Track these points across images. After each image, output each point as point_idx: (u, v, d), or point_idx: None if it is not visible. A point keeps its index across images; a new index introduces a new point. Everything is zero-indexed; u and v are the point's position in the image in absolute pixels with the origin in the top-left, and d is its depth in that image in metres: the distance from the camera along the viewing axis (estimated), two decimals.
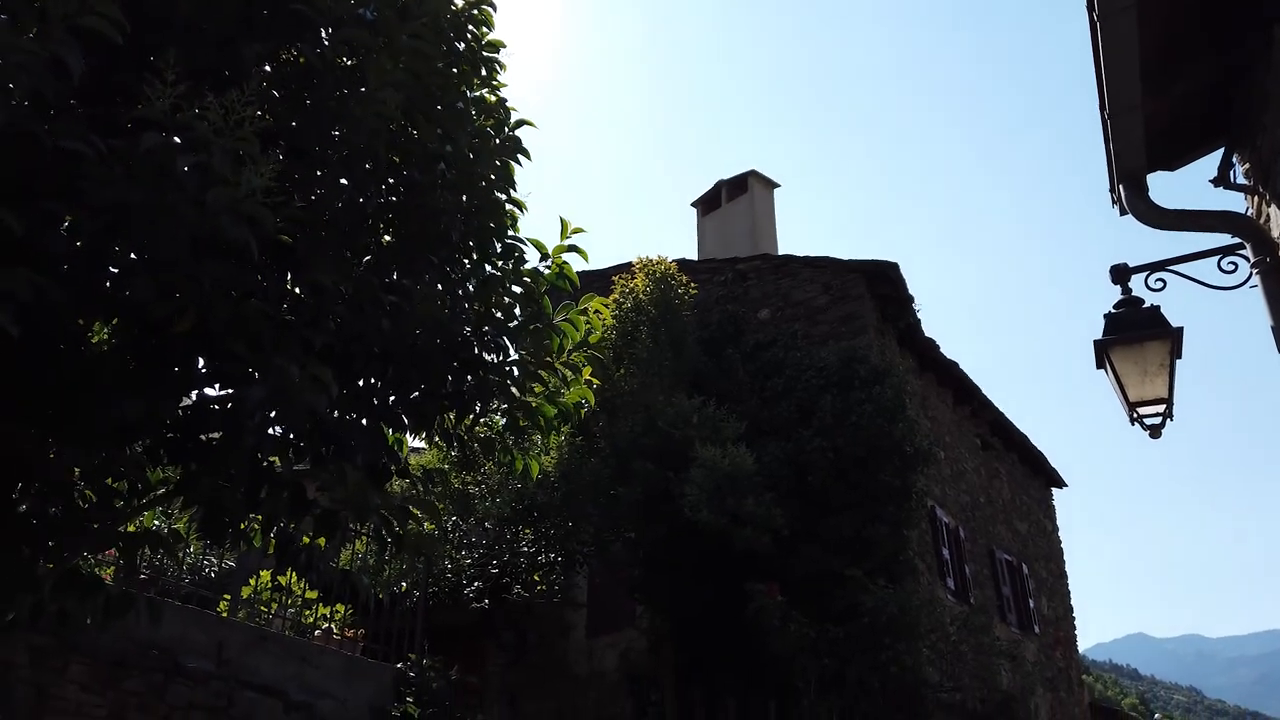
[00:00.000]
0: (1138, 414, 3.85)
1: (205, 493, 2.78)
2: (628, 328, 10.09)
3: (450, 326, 3.30)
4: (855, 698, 7.77)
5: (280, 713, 6.00)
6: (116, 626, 5.12)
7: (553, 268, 3.78)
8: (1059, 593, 14.85)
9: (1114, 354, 3.81)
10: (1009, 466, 14.22)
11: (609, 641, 11.72)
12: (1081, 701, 14.18)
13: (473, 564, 10.83)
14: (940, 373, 12.06)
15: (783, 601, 8.03)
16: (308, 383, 2.54)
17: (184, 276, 2.63)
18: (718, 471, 8.22)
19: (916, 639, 8.17)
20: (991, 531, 12.65)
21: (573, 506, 9.23)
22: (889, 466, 8.91)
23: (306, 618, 7.49)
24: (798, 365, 9.97)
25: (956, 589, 10.71)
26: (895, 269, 10.43)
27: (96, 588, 2.69)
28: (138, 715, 5.10)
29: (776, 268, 11.37)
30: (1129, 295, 4.01)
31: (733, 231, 13.17)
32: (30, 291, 2.31)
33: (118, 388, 2.73)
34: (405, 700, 6.71)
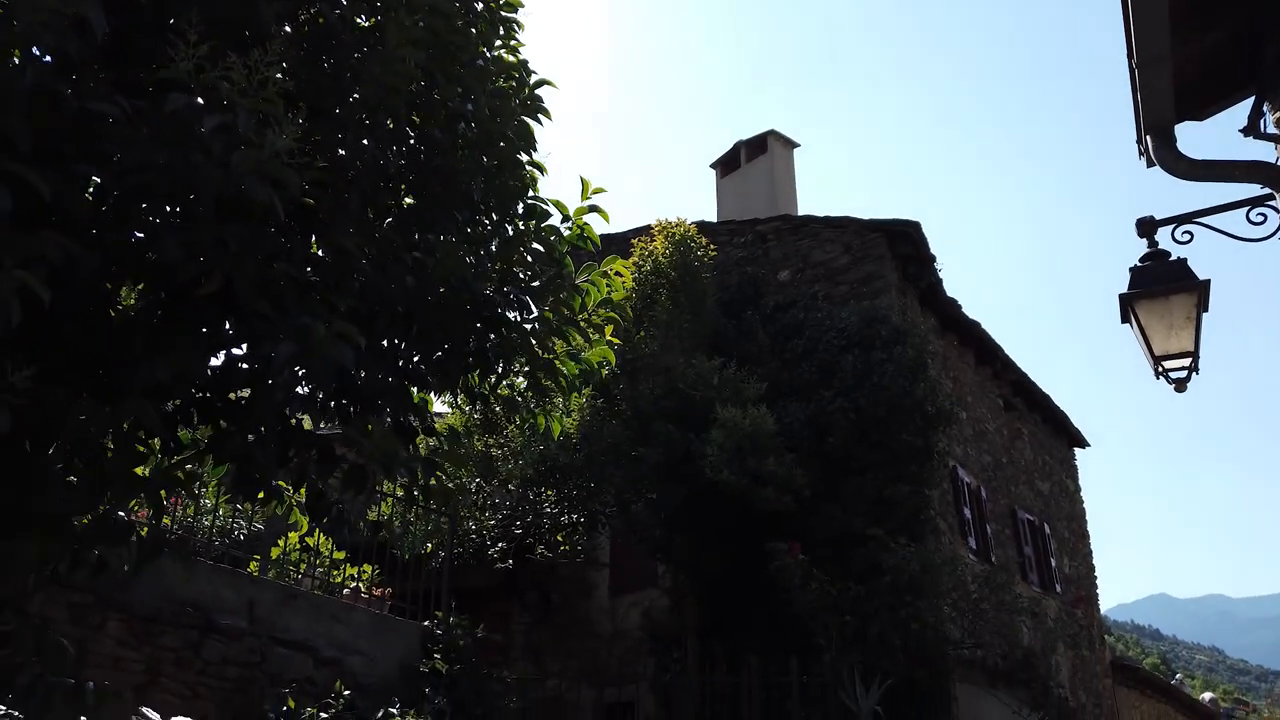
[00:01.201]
0: (1163, 368, 3.83)
1: (235, 450, 2.82)
2: (647, 290, 10.09)
3: (473, 285, 3.31)
4: (876, 654, 7.84)
5: (311, 668, 6.14)
6: (151, 584, 5.25)
7: (574, 228, 3.78)
8: (1081, 552, 14.84)
9: (1139, 307, 3.78)
10: (1031, 427, 14.16)
11: (631, 601, 11.85)
12: (1103, 659, 14.23)
13: (496, 525, 10.97)
14: (962, 333, 11.99)
15: (804, 560, 8.09)
16: (334, 339, 2.57)
17: (210, 238, 2.66)
18: (738, 432, 8.25)
19: (938, 597, 8.21)
20: (1013, 491, 12.64)
21: (594, 468, 9.31)
22: (910, 426, 8.91)
23: (335, 577, 7.62)
24: (818, 326, 9.94)
25: (978, 548, 10.74)
26: (917, 228, 10.34)
27: (127, 533, 2.75)
28: (174, 670, 5.24)
29: (796, 228, 11.29)
30: (1155, 248, 3.97)
31: (752, 192, 13.08)
32: (60, 254, 2.35)
33: (148, 349, 2.78)
34: (433, 656, 6.84)
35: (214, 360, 3.11)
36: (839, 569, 8.34)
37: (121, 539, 2.74)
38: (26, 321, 2.40)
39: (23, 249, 2.23)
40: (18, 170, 2.24)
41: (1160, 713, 17.04)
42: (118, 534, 2.76)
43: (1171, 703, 17.87)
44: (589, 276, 3.80)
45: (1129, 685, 15.34)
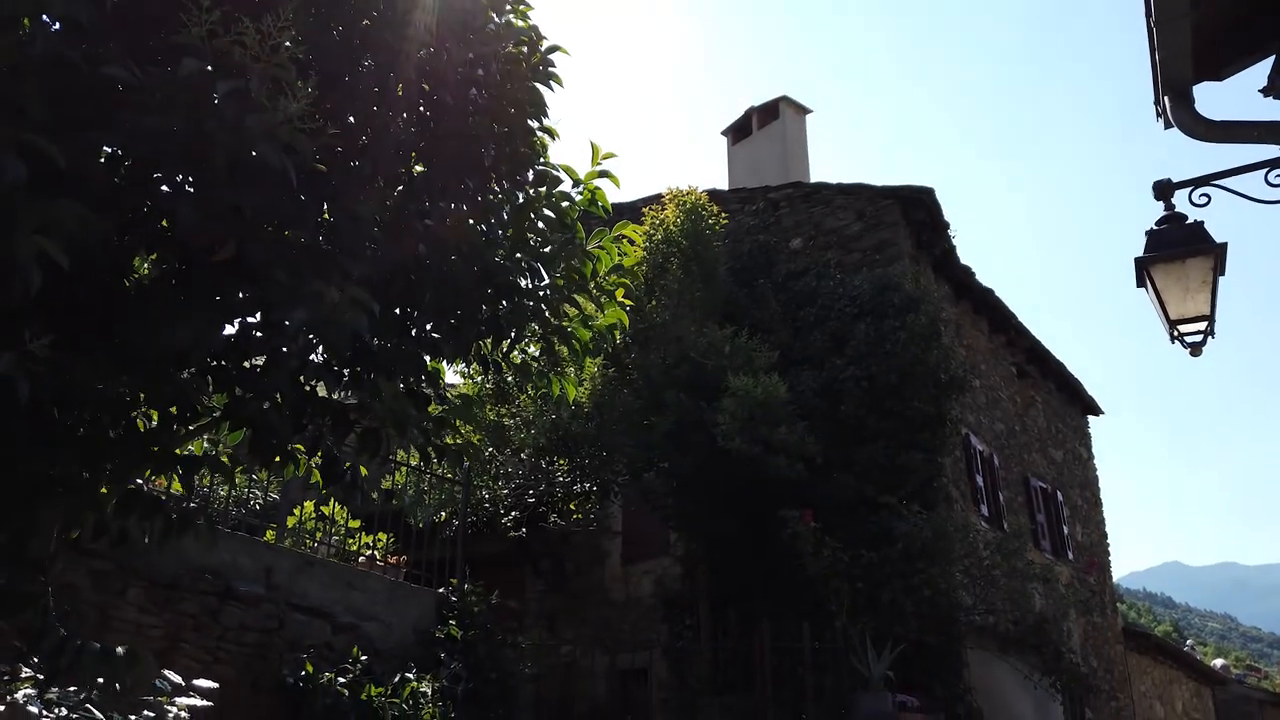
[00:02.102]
0: (1178, 332, 3.81)
1: (251, 416, 2.85)
2: (658, 259, 10.06)
3: (485, 252, 3.32)
4: (888, 620, 7.89)
5: (328, 634, 6.22)
6: (171, 552, 5.32)
7: (585, 194, 3.77)
8: (1093, 520, 14.85)
9: (1155, 271, 3.76)
10: (1045, 394, 14.12)
11: (644, 568, 11.94)
12: (1115, 626, 14.28)
13: (509, 494, 11.05)
14: (975, 300, 11.93)
15: (816, 528, 8.12)
16: (347, 305, 2.58)
17: (225, 205, 2.67)
18: (750, 400, 8.26)
19: (950, 563, 8.25)
20: (1026, 459, 12.63)
21: (606, 437, 9.35)
22: (923, 394, 8.90)
23: (350, 546, 7.70)
24: (830, 294, 9.91)
25: (990, 515, 10.76)
26: (930, 194, 10.26)
27: (156, 508, 2.79)
28: (194, 635, 5.32)
29: (808, 196, 11.22)
30: (1172, 211, 3.93)
31: (764, 160, 12.99)
32: (76, 221, 2.36)
33: (164, 316, 2.80)
34: (448, 623, 6.92)
35: (229, 328, 3.13)
36: (851, 536, 8.38)
37: (152, 514, 2.78)
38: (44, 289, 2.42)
39: (40, 216, 2.25)
40: (32, 139, 2.25)
41: (1172, 678, 17.12)
42: (148, 508, 2.79)
43: (1183, 669, 17.94)
44: (600, 242, 3.80)
45: (1140, 651, 15.40)
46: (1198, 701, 18.72)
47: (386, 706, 5.75)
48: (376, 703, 5.74)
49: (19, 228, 2.19)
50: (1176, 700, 17.12)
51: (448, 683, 6.35)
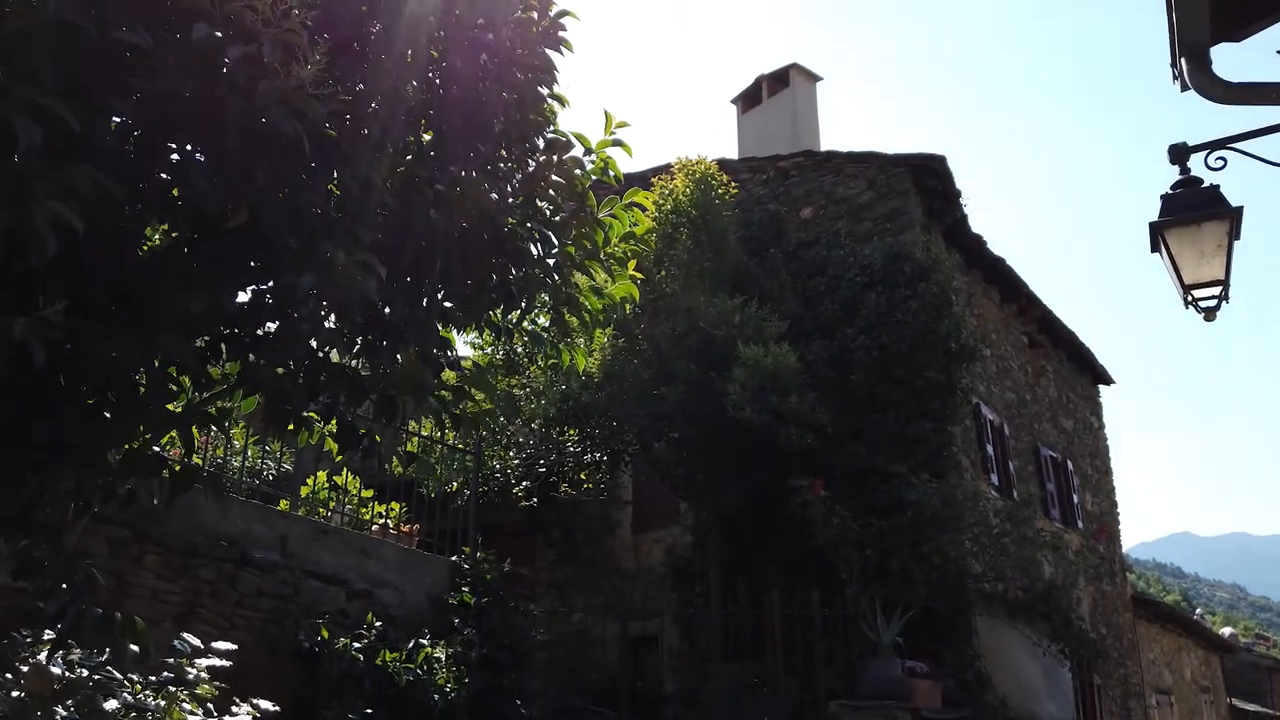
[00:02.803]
0: (1192, 297, 3.79)
1: (265, 381, 2.87)
2: (668, 229, 10.03)
3: (496, 219, 3.31)
4: (898, 588, 7.94)
5: (343, 600, 6.30)
6: (186, 519, 5.38)
7: (596, 162, 3.75)
8: (1104, 489, 14.85)
9: (1170, 236, 3.73)
10: (1056, 364, 14.08)
11: (655, 538, 12.02)
12: (1124, 594, 14.33)
13: (520, 464, 11.11)
14: (987, 269, 11.87)
15: (827, 496, 8.15)
16: (355, 268, 2.59)
17: (237, 171, 2.67)
18: (760, 370, 8.26)
19: (959, 531, 8.28)
20: (1036, 428, 12.62)
21: (616, 407, 9.37)
22: (934, 363, 8.89)
23: (363, 515, 7.77)
24: (841, 264, 9.88)
25: (1000, 484, 10.77)
26: (942, 162, 10.18)
27: (159, 466, 2.81)
28: (210, 601, 5.39)
29: (819, 164, 11.15)
30: (1187, 175, 3.90)
31: (774, 128, 12.89)
32: (91, 187, 2.37)
33: (178, 283, 2.81)
34: (461, 590, 6.99)
35: (241, 296, 3.14)
36: (861, 505, 8.42)
37: (153, 472, 2.80)
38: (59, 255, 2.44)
39: (54, 182, 2.25)
40: (47, 103, 2.25)
41: (1180, 646, 17.19)
42: (150, 468, 2.82)
43: (1191, 637, 18.01)
44: (612, 210, 3.79)
45: (1149, 619, 15.46)
46: (1206, 669, 18.81)
47: (401, 671, 5.83)
48: (391, 668, 5.82)
49: (34, 193, 2.20)
50: (1185, 668, 17.21)
51: (461, 648, 6.42)
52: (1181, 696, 16.39)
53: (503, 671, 6.67)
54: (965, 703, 8.10)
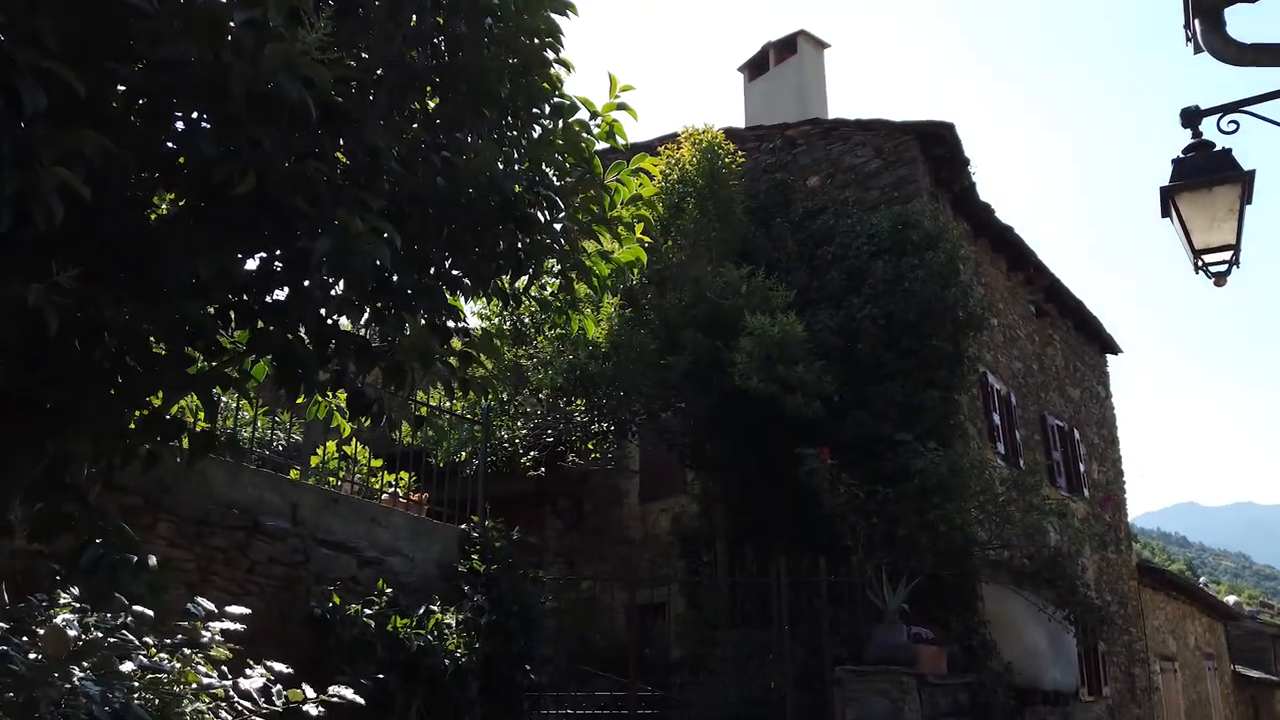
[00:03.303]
0: (1202, 261, 3.77)
1: (276, 347, 2.88)
2: (674, 199, 9.99)
3: (503, 185, 3.30)
4: (904, 555, 7.98)
5: (354, 568, 6.36)
6: (198, 488, 5.42)
7: (602, 126, 3.73)
8: (1110, 458, 14.87)
9: (1180, 200, 3.71)
10: (1063, 333, 14.04)
11: (661, 507, 12.09)
12: (1129, 562, 14.39)
13: (528, 434, 11.15)
14: (994, 238, 11.81)
15: (833, 465, 8.18)
16: (369, 234, 2.59)
17: (244, 137, 2.67)
18: (767, 339, 8.26)
19: (965, 499, 8.30)
20: (1043, 398, 12.62)
21: (623, 377, 9.39)
22: (941, 331, 8.87)
23: (373, 484, 7.82)
24: (848, 233, 9.83)
25: (1006, 453, 10.79)
26: (950, 129, 10.10)
27: (180, 429, 2.83)
28: (223, 568, 5.45)
29: (826, 132, 11.06)
30: (1199, 139, 3.87)
31: (781, 96, 12.78)
32: (98, 152, 2.37)
33: (187, 250, 2.81)
34: (470, 557, 7.05)
35: (250, 264, 3.15)
36: (867, 473, 8.44)
37: (173, 435, 2.83)
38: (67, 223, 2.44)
39: (61, 147, 2.25)
40: (52, 67, 2.25)
41: (1185, 614, 17.28)
42: (169, 431, 2.85)
43: (1196, 604, 18.10)
44: (618, 176, 3.77)
45: (1154, 587, 15.52)
46: (1210, 636, 18.91)
47: (412, 637, 5.90)
48: (402, 634, 5.88)
49: (41, 158, 2.20)
50: (1189, 635, 17.30)
51: (471, 615, 6.49)
52: (1185, 663, 16.50)
53: (512, 637, 6.74)
54: (970, 668, 8.18)
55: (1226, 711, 18.73)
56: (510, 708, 6.69)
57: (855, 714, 7.03)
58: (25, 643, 2.68)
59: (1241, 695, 20.50)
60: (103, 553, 2.67)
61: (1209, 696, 17.60)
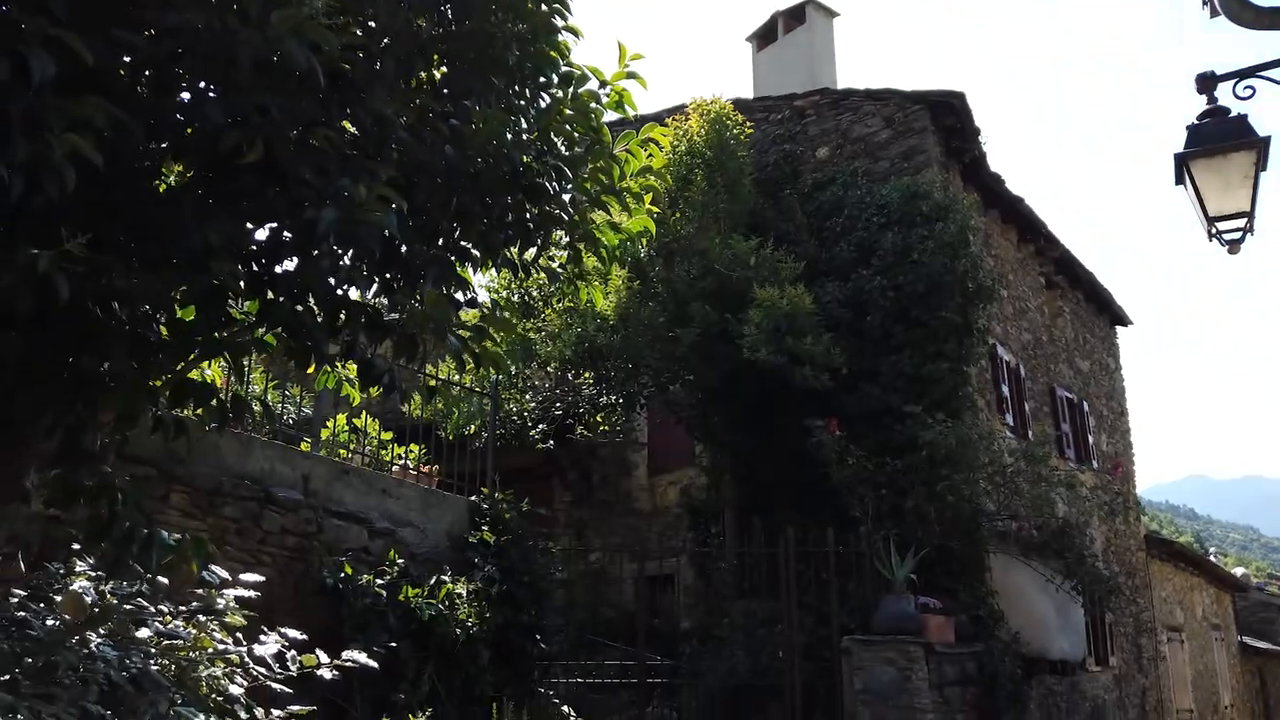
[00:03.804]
0: (1216, 229, 3.74)
1: (286, 318, 2.88)
2: (682, 171, 9.93)
3: (512, 154, 3.29)
4: (912, 526, 8.00)
5: (365, 538, 6.41)
6: (209, 459, 5.46)
7: (611, 95, 3.71)
8: (1119, 430, 14.85)
9: (1194, 166, 3.67)
10: (1073, 305, 13.98)
11: (670, 479, 12.14)
12: (1137, 533, 14.40)
13: (536, 407, 11.18)
14: (1004, 209, 11.72)
15: (841, 436, 8.19)
16: (376, 202, 2.58)
17: (252, 105, 2.66)
18: (776, 311, 8.24)
19: (974, 470, 8.31)
20: (1053, 369, 12.58)
21: (631, 350, 9.39)
22: (950, 303, 8.84)
23: (383, 456, 7.86)
24: (857, 204, 9.77)
25: (1015, 425, 10.78)
26: (961, 99, 10.01)
27: (210, 394, 2.85)
28: (236, 539, 5.50)
29: (836, 103, 10.97)
30: (1214, 105, 3.82)
31: (790, 66, 12.65)
32: (107, 120, 2.36)
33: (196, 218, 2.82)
34: (481, 529, 7.10)
35: (260, 234, 3.15)
36: (876, 445, 8.45)
37: (204, 400, 2.85)
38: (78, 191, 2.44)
39: (70, 115, 2.25)
40: (60, 35, 2.24)
41: (1192, 585, 17.32)
42: (201, 396, 2.86)
43: (1204, 575, 18.13)
44: (627, 146, 3.76)
45: (1162, 558, 15.55)
46: (1217, 607, 18.96)
47: (424, 606, 5.95)
48: (414, 603, 5.94)
49: (50, 126, 2.20)
50: (1196, 606, 17.35)
51: (482, 585, 6.54)
52: (1192, 634, 16.56)
53: (522, 607, 6.80)
54: (978, 638, 8.22)
55: (1233, 681, 18.81)
56: (521, 676, 6.76)
57: (863, 683, 7.09)
58: (43, 609, 2.72)
59: (1248, 665, 20.59)
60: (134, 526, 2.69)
61: (1215, 667, 17.68)
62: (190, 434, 3.00)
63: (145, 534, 2.79)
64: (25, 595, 2.86)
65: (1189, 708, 15.39)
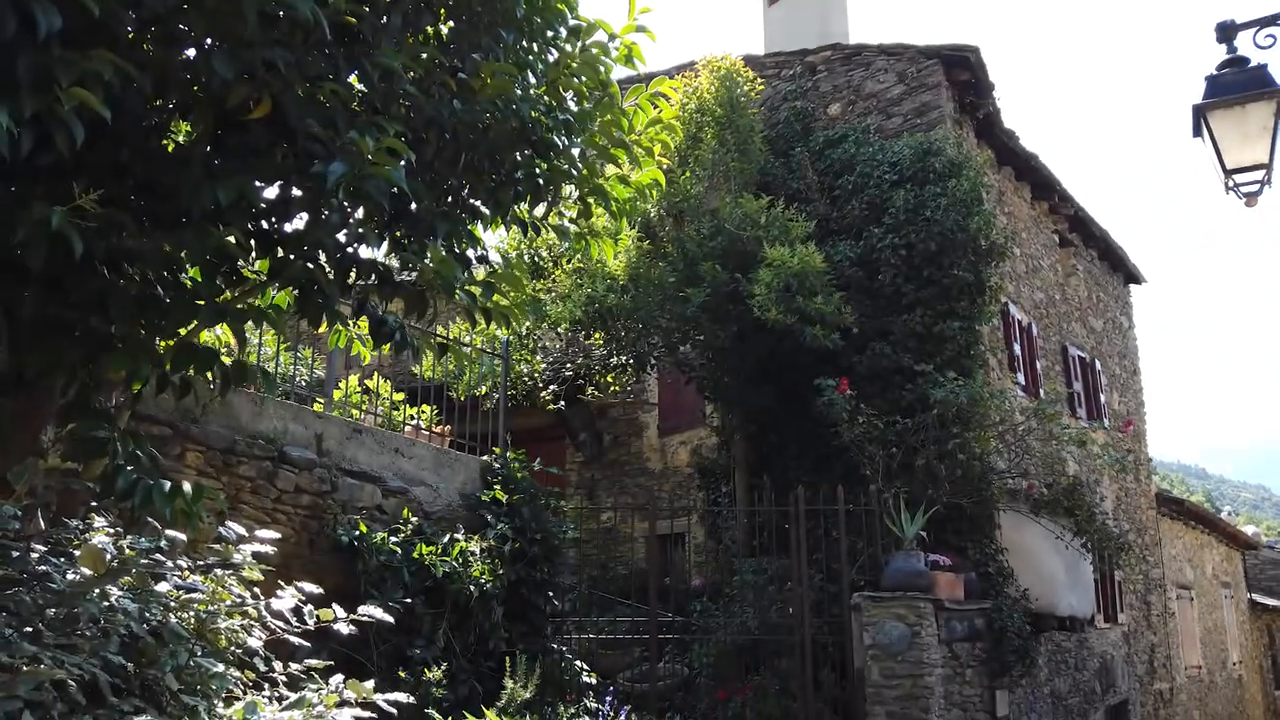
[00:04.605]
0: (1233, 181, 3.69)
1: (297, 274, 2.89)
2: (692, 130, 9.84)
3: (520, 108, 3.26)
4: (922, 484, 8.02)
5: (379, 497, 6.47)
6: (223, 418, 5.51)
7: (620, 49, 3.67)
8: (1131, 389, 14.80)
9: (1212, 117, 3.62)
10: (1087, 263, 13.87)
11: (680, 439, 12.19)
12: (1148, 491, 14.41)
13: (547, 368, 11.20)
14: (1019, 166, 11.59)
15: (852, 396, 8.18)
16: (383, 155, 2.57)
17: (259, 59, 2.64)
18: (786, 271, 8.20)
19: (984, 428, 8.31)
20: (1065, 328, 12.52)
21: (642, 310, 9.37)
22: (962, 261, 8.78)
23: (395, 417, 7.91)
24: (869, 161, 9.67)
25: (1026, 383, 10.75)
26: (976, 53, 9.85)
27: (213, 358, 2.87)
28: (251, 497, 5.56)
29: (848, 58, 10.81)
30: (1234, 55, 3.75)
31: (801, 21, 12.44)
32: (114, 74, 2.35)
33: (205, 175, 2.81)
34: (493, 487, 7.15)
35: (269, 193, 3.14)
36: (886, 404, 8.45)
37: (208, 365, 2.86)
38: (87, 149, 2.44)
39: (78, 68, 2.24)
40: None
41: (1202, 543, 17.36)
42: (204, 359, 2.88)
43: (1214, 533, 18.16)
44: (637, 100, 3.72)
45: (1172, 517, 15.58)
46: (1228, 565, 19.02)
47: (438, 564, 6.02)
48: (428, 560, 6.01)
49: (57, 79, 2.19)
50: (1206, 564, 17.41)
51: (495, 543, 6.61)
52: (1202, 591, 16.63)
53: (535, 564, 6.87)
54: (987, 595, 8.28)
55: (1241, 638, 18.92)
56: (534, 631, 6.85)
57: (872, 638, 7.15)
58: (63, 563, 2.76)
59: (1257, 623, 20.70)
60: (136, 477, 2.72)
61: (1224, 624, 17.77)
62: (198, 393, 3.02)
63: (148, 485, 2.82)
64: (45, 550, 2.90)
65: (1197, 664, 15.50)
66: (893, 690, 7.00)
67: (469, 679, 6.07)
